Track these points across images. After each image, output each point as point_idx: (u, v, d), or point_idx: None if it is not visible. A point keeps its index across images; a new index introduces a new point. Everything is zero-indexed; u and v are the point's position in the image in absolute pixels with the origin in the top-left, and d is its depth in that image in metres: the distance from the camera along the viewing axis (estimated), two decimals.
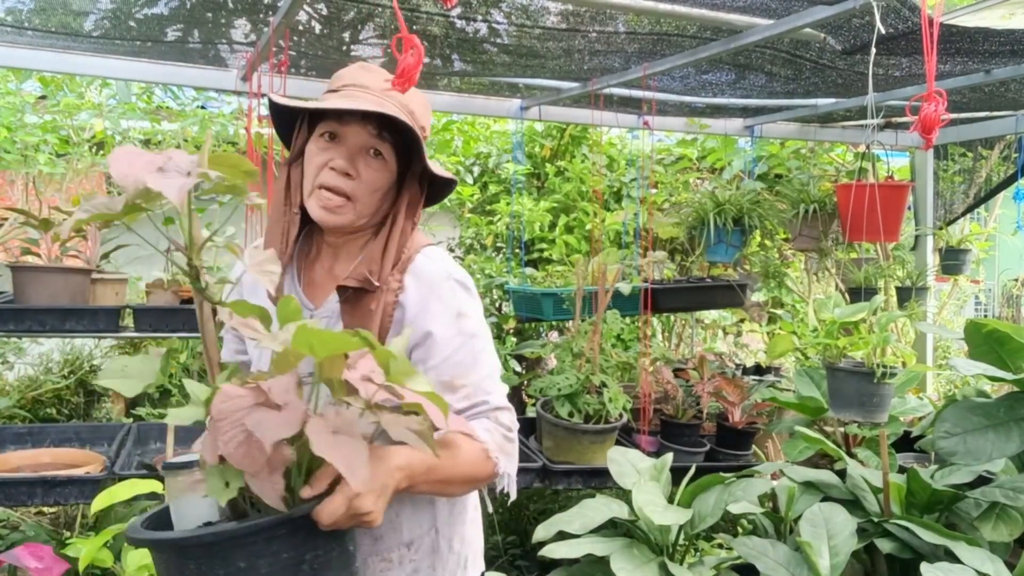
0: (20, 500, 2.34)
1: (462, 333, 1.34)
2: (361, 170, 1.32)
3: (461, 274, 1.41)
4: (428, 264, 1.38)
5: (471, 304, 1.38)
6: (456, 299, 1.36)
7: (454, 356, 1.32)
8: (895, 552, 2.11)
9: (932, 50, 1.76)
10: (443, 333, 1.32)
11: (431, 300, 1.34)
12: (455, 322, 1.33)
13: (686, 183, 4.52)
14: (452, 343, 1.32)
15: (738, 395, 3.06)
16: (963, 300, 6.52)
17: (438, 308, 1.34)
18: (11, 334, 3.25)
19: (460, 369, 1.31)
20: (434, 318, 1.33)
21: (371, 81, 1.35)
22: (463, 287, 1.39)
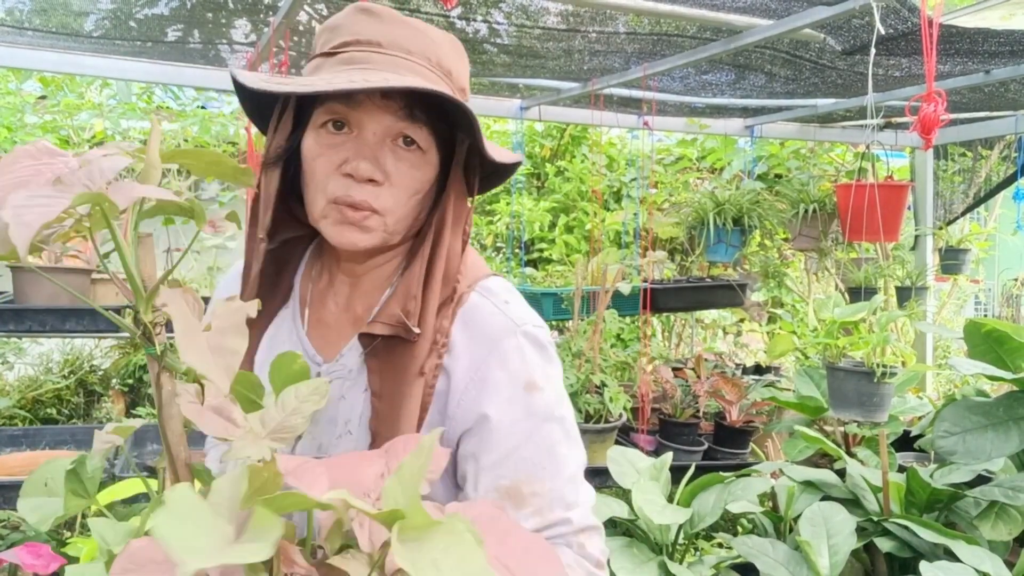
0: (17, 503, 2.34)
1: (533, 415, 0.91)
2: (390, 169, 0.90)
3: (534, 324, 0.97)
4: (485, 308, 0.95)
5: (546, 370, 0.94)
6: (526, 364, 0.93)
7: (520, 450, 0.90)
8: (894, 551, 2.11)
9: (932, 50, 1.76)
10: (505, 416, 0.91)
11: (489, 366, 0.92)
12: (523, 399, 0.91)
13: (686, 183, 4.52)
14: (518, 431, 0.91)
15: (736, 394, 3.06)
16: (963, 300, 6.52)
17: (499, 378, 0.91)
18: (11, 334, 3.25)
19: (528, 470, 0.90)
20: (493, 393, 0.91)
21: (383, 33, 0.91)
22: (536, 344, 0.95)
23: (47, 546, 1.91)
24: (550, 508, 0.90)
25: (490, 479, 0.89)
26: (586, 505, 0.94)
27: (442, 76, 0.93)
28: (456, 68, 0.95)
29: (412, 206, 0.93)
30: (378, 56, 0.90)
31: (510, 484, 0.89)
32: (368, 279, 0.99)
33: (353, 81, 0.83)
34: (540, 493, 0.89)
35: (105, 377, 4.55)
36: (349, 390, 0.95)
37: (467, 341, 0.93)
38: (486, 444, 0.90)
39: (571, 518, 0.91)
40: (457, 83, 0.95)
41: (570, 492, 0.92)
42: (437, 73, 0.92)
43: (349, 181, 0.89)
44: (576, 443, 0.95)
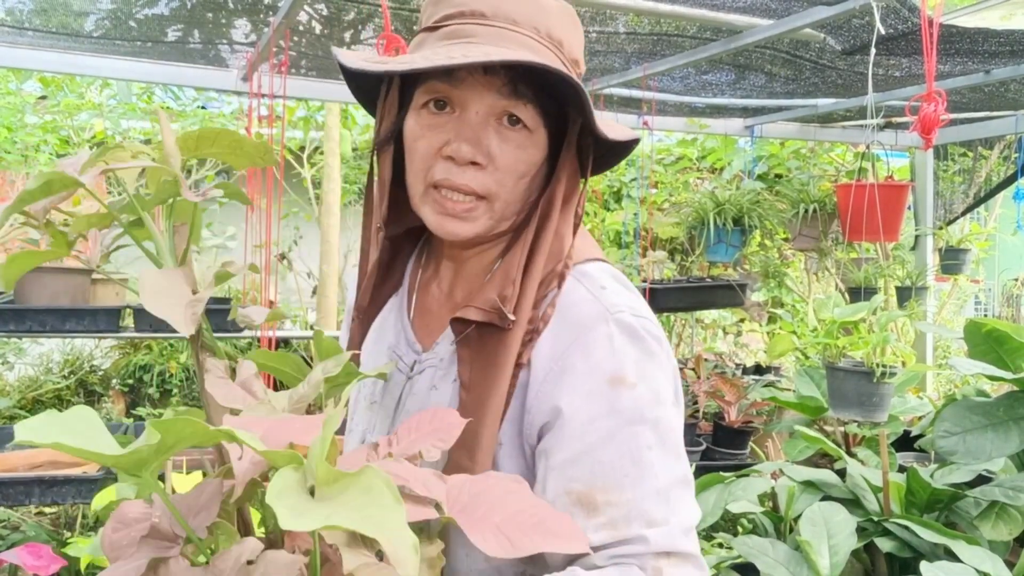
0: (18, 500, 2.35)
1: (616, 413, 0.78)
2: (494, 151, 0.83)
3: (632, 311, 0.84)
4: (576, 294, 0.85)
5: (642, 365, 0.81)
6: (614, 355, 0.80)
7: (598, 451, 0.78)
8: (895, 551, 2.11)
9: (932, 50, 1.77)
10: (582, 411, 0.79)
11: (571, 355, 0.81)
12: (606, 394, 0.79)
13: (686, 183, 4.52)
14: (597, 429, 0.78)
15: (734, 395, 3.06)
16: (963, 300, 6.53)
17: (580, 369, 0.80)
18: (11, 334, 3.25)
19: (606, 475, 0.77)
20: (570, 385, 0.80)
21: (488, 2, 0.84)
22: (630, 334, 0.82)
23: (47, 547, 1.91)
24: (626, 522, 0.76)
25: (561, 481, 0.78)
26: (678, 527, 0.77)
27: (552, 47, 0.85)
28: (568, 38, 0.87)
29: (520, 190, 0.86)
30: (482, 28, 0.83)
31: (583, 489, 0.77)
32: (472, 264, 0.92)
33: (452, 57, 0.76)
34: (617, 503, 0.76)
35: (105, 377, 4.56)
36: (440, 380, 0.88)
37: (553, 327, 0.84)
38: (558, 440, 0.79)
39: (648, 537, 0.75)
40: (569, 54, 0.87)
41: (656, 507, 0.77)
42: (546, 44, 0.84)
43: (450, 164, 0.83)
44: (674, 452, 0.81)
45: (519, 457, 0.84)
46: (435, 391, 0.89)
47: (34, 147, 4.05)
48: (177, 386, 4.47)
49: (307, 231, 5.21)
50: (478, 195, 0.84)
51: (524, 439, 0.83)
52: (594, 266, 0.89)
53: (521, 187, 0.86)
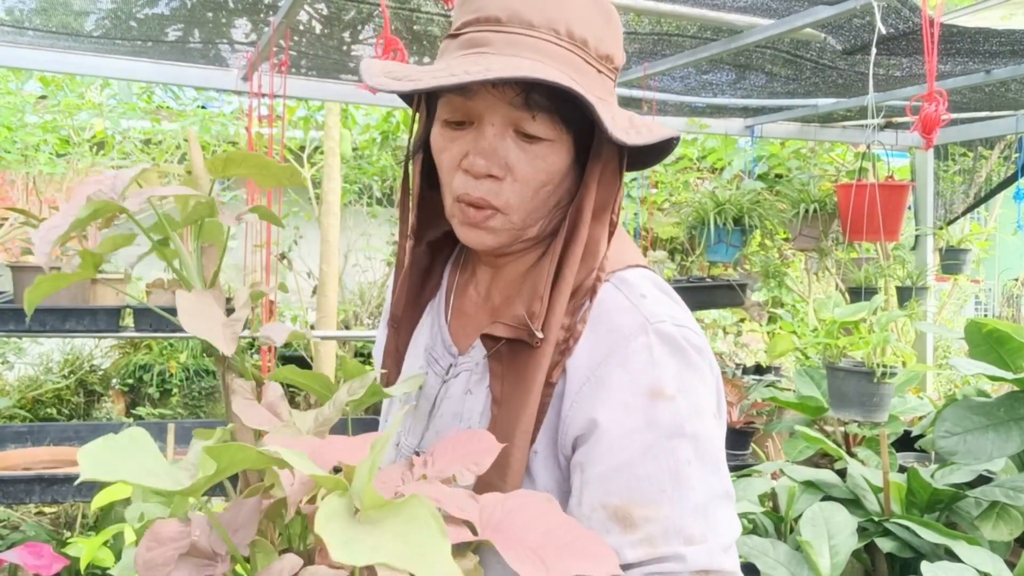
0: (18, 498, 2.35)
1: (655, 427, 0.76)
2: (512, 162, 0.81)
3: (674, 321, 0.82)
4: (615, 302, 0.83)
5: (683, 377, 0.79)
6: (654, 367, 0.78)
7: (636, 466, 0.76)
8: (895, 551, 2.11)
9: (932, 50, 1.76)
10: (620, 424, 0.77)
11: (608, 365, 0.79)
12: (645, 407, 0.77)
13: (686, 183, 4.52)
14: (634, 443, 0.76)
15: (736, 395, 3.06)
16: (963, 300, 6.53)
17: (617, 380, 0.78)
18: (11, 334, 3.25)
19: (644, 490, 0.75)
20: (607, 396, 0.78)
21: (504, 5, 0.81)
22: (670, 345, 0.80)
23: (48, 546, 1.91)
24: (664, 539, 0.74)
25: (597, 495, 0.76)
26: (716, 544, 0.76)
27: (574, 47, 0.80)
28: (596, 33, 0.82)
29: (541, 199, 0.83)
30: (496, 36, 0.80)
31: (620, 504, 0.75)
32: (508, 269, 0.90)
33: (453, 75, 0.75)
34: (655, 519, 0.74)
35: (105, 377, 4.56)
36: (476, 385, 0.87)
37: (589, 337, 0.82)
38: (595, 453, 0.77)
39: (686, 555, 0.74)
40: (596, 51, 0.82)
41: (694, 524, 0.75)
42: (566, 46, 0.80)
43: (468, 177, 0.82)
44: (715, 467, 0.78)
45: (554, 467, 0.82)
46: (470, 395, 0.88)
47: (34, 147, 4.05)
48: (177, 386, 4.47)
49: (307, 231, 5.21)
50: (496, 208, 0.82)
51: (559, 448, 0.82)
52: (634, 273, 0.86)
53: (543, 196, 0.84)
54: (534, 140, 0.81)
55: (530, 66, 0.76)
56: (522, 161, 0.81)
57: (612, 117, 0.79)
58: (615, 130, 0.77)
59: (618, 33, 0.85)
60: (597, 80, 0.82)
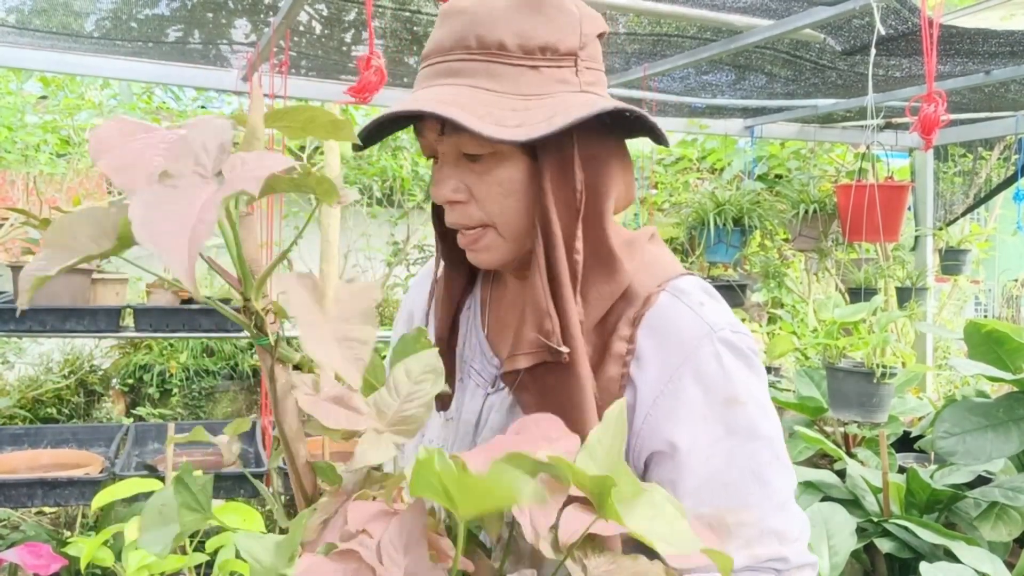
0: (20, 501, 2.35)
1: (735, 433, 0.79)
2: (468, 183, 0.83)
3: (732, 328, 0.83)
4: (677, 310, 0.83)
5: (750, 382, 0.81)
6: (726, 375, 0.80)
7: (723, 474, 0.78)
8: (895, 551, 2.11)
9: (932, 51, 1.77)
10: (703, 437, 0.79)
11: (682, 377, 0.80)
12: (723, 416, 0.79)
13: (686, 183, 4.53)
14: (719, 452, 0.78)
15: None
16: (963, 300, 6.52)
17: (693, 394, 0.79)
18: (11, 334, 3.25)
19: (733, 496, 0.77)
20: (686, 412, 0.79)
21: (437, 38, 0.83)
22: (736, 352, 0.81)
23: (47, 546, 1.91)
24: (761, 541, 0.77)
25: (690, 507, 0.76)
26: (802, 538, 0.81)
27: (486, 56, 0.80)
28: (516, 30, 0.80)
29: (514, 210, 0.83)
30: (430, 69, 0.83)
31: (712, 513, 0.77)
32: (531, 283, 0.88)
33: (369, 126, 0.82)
34: (748, 523, 0.77)
35: (105, 377, 4.56)
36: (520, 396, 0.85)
37: (655, 348, 0.81)
38: (682, 469, 0.78)
39: (787, 555, 0.78)
40: (522, 48, 0.80)
41: (783, 523, 0.79)
42: (478, 57, 0.80)
43: (446, 206, 0.85)
44: (786, 466, 0.82)
45: None
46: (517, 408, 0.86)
47: (34, 147, 4.05)
48: (177, 386, 4.47)
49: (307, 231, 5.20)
50: (475, 226, 0.84)
51: (631, 460, 0.82)
52: (688, 281, 0.86)
53: (514, 206, 0.82)
54: (476, 158, 0.82)
55: (424, 96, 0.78)
56: (475, 181, 0.82)
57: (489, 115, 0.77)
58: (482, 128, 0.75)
59: (558, 20, 0.82)
60: (526, 77, 0.80)
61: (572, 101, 0.79)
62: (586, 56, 0.83)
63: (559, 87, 0.81)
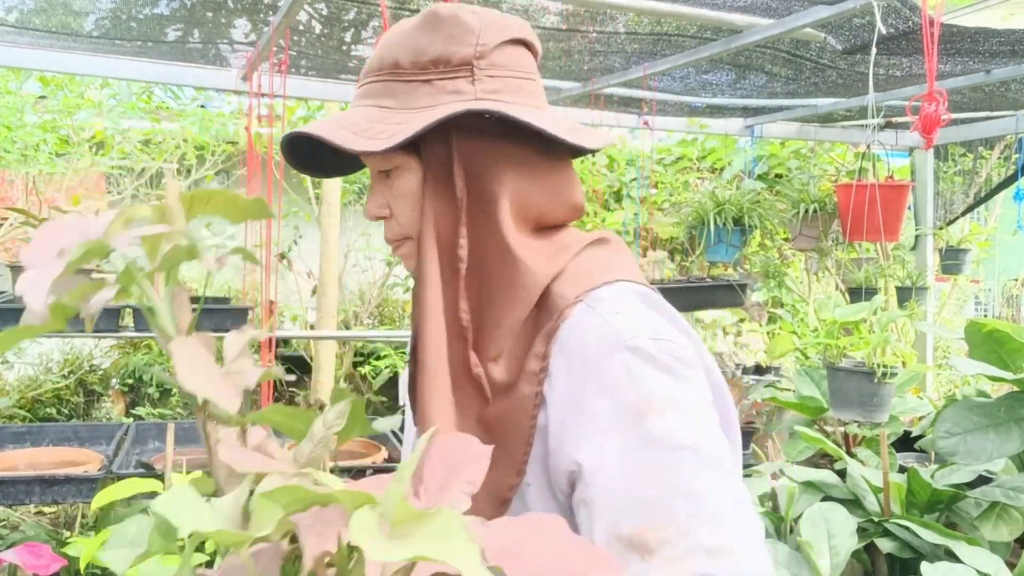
0: (18, 499, 2.35)
1: (653, 445, 0.73)
2: (387, 199, 0.89)
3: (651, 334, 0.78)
4: (586, 322, 0.79)
5: (669, 389, 0.76)
6: (635, 384, 0.75)
7: (640, 489, 0.72)
8: (895, 551, 2.11)
9: (932, 50, 1.76)
10: (614, 451, 0.73)
11: (586, 393, 0.76)
12: (636, 427, 0.73)
13: (686, 183, 4.52)
14: (636, 467, 0.73)
15: (736, 395, 3.06)
16: (963, 300, 6.52)
17: (599, 408, 0.75)
18: None
19: (655, 512, 0.71)
20: (594, 428, 0.75)
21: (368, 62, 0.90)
22: (649, 360, 0.76)
23: (47, 546, 1.91)
24: (686, 559, 0.69)
25: (608, 527, 0.71)
26: (742, 551, 0.70)
27: (386, 76, 0.86)
28: (412, 47, 0.85)
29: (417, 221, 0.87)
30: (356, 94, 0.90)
31: (633, 531, 0.70)
32: None
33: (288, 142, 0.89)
34: (671, 540, 0.69)
35: (105, 377, 4.56)
36: None
37: (565, 363, 0.78)
38: (598, 486, 0.73)
39: (715, 572, 0.69)
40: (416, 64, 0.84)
41: (714, 536, 0.70)
42: (382, 77, 0.86)
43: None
44: (722, 473, 0.73)
45: (550, 499, 0.80)
46: None
47: (34, 146, 4.05)
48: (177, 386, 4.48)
49: (307, 231, 5.21)
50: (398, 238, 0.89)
51: (554, 484, 0.80)
52: (611, 289, 0.82)
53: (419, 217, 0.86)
54: (385, 173, 0.88)
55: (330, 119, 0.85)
56: (390, 195, 0.88)
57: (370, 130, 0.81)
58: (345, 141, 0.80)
59: (452, 33, 0.85)
60: (419, 91, 0.84)
61: (451, 110, 0.81)
62: (487, 64, 0.85)
63: (450, 97, 0.83)
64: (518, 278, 0.81)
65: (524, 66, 0.88)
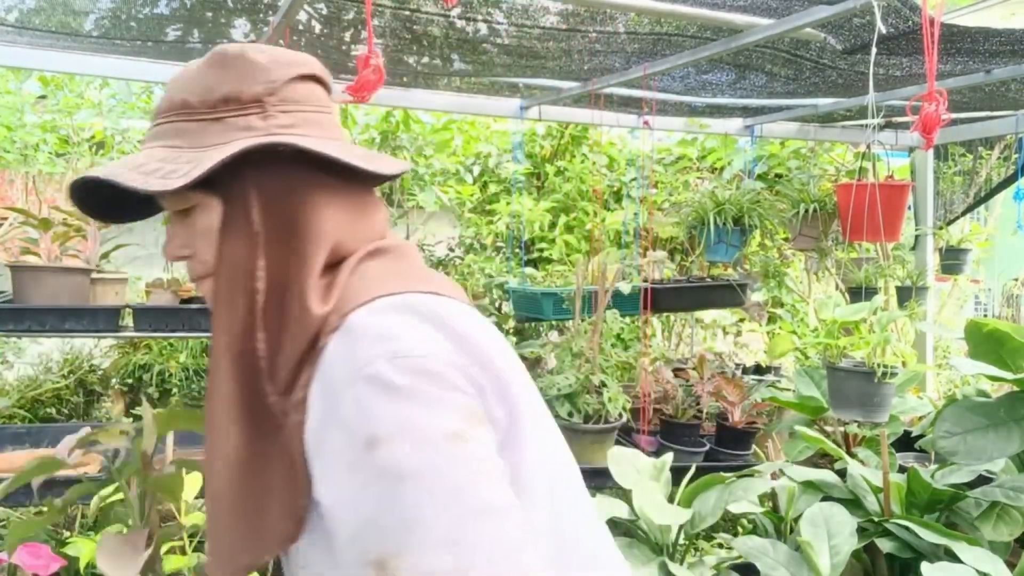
0: (18, 500, 2.35)
1: (382, 477, 0.73)
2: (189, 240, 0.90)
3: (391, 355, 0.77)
4: (333, 354, 0.80)
5: (399, 416, 0.75)
6: (366, 416, 0.75)
7: (377, 520, 0.73)
8: (895, 551, 2.11)
9: (932, 50, 1.76)
10: (348, 484, 0.75)
11: (326, 428, 0.78)
12: (365, 459, 0.74)
13: (686, 183, 4.52)
14: (366, 498, 0.73)
15: (738, 395, 3.06)
16: (963, 300, 6.52)
17: (335, 444, 0.76)
18: (11, 334, 3.25)
19: (392, 540, 0.72)
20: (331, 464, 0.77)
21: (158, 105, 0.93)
22: (382, 386, 0.75)
23: (47, 546, 1.91)
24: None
25: (354, 554, 0.74)
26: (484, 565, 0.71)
27: (175, 116, 0.88)
28: (202, 86, 0.87)
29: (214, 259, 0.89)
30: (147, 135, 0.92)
31: (376, 559, 0.72)
32: None
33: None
34: (406, 567, 0.71)
35: (105, 377, 4.55)
36: None
37: (318, 395, 0.80)
38: (335, 523, 0.76)
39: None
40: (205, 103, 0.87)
41: (442, 560, 0.70)
42: (172, 118, 0.88)
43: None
44: (454, 493, 0.73)
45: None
46: None
47: (34, 146, 4.04)
48: (176, 385, 4.47)
49: None
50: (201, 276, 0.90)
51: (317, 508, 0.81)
52: (364, 312, 0.81)
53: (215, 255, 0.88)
54: (183, 213, 0.89)
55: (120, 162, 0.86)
56: (190, 235, 0.89)
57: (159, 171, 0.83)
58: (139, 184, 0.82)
59: (241, 70, 0.87)
60: (210, 129, 0.86)
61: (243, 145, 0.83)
62: (278, 100, 0.87)
63: (241, 134, 0.85)
64: (304, 313, 0.82)
65: (316, 100, 0.91)
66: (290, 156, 0.85)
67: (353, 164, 0.86)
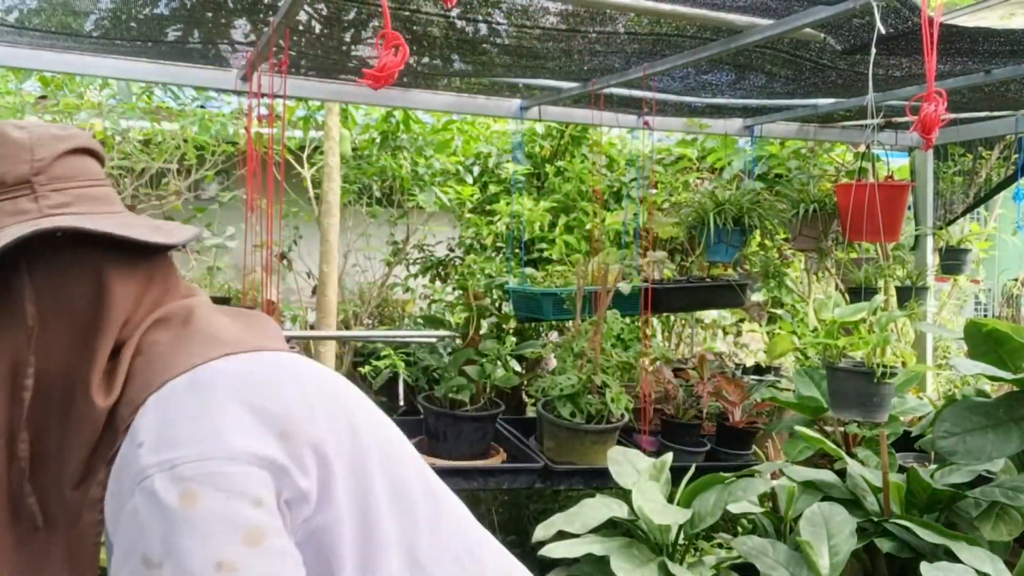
0: None
1: None
2: None
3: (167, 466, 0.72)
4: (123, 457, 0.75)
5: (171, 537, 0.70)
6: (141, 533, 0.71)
7: None
8: (895, 551, 2.11)
9: (932, 50, 1.76)
10: None
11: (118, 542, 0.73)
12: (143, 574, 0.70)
13: (686, 183, 4.53)
14: None
15: (738, 395, 3.06)
16: (963, 300, 6.52)
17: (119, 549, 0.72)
18: None
19: None
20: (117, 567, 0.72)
21: None
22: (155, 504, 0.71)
23: None
24: None
25: None
26: None
27: None
28: None
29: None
30: None
31: None
32: None
33: None
34: None
35: None
36: None
37: (109, 499, 0.76)
38: None
39: None
40: None
41: None
42: None
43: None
44: None
45: None
46: None
47: None
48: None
49: (307, 231, 5.20)
50: None
51: None
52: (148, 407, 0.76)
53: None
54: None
55: None
56: None
57: None
58: None
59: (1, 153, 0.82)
60: None
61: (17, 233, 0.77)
62: (49, 179, 0.82)
63: (12, 219, 0.79)
64: (89, 409, 0.78)
65: (90, 173, 0.86)
66: (69, 239, 0.80)
67: (137, 239, 0.81)
